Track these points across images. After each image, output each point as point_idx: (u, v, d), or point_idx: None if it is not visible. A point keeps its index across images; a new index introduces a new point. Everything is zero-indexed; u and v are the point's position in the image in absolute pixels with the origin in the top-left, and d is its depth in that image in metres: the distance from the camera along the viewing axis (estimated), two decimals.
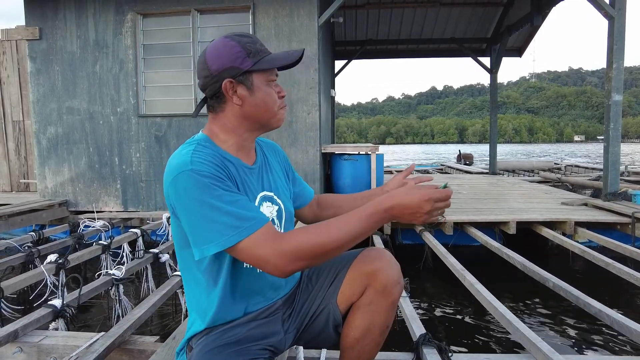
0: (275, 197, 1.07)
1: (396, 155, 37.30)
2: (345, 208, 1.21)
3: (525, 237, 3.83)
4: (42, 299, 2.50)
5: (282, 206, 1.09)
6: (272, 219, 1.05)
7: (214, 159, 0.91)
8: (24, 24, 4.57)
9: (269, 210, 1.05)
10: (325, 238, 0.84)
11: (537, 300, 3.11)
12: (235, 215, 0.84)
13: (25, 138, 5.70)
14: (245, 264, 1.00)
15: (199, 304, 1.00)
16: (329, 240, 0.84)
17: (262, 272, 1.02)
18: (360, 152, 4.66)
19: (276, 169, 1.14)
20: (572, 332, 2.63)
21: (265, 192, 1.05)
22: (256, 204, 1.01)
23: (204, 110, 1.06)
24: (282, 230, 1.08)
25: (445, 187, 0.87)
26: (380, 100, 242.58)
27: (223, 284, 0.96)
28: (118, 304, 2.43)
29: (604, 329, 2.63)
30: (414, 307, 1.98)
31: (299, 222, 1.26)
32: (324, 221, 0.90)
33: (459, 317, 2.89)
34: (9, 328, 1.70)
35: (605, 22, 4.18)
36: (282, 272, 0.85)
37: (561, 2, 5.58)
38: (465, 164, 12.33)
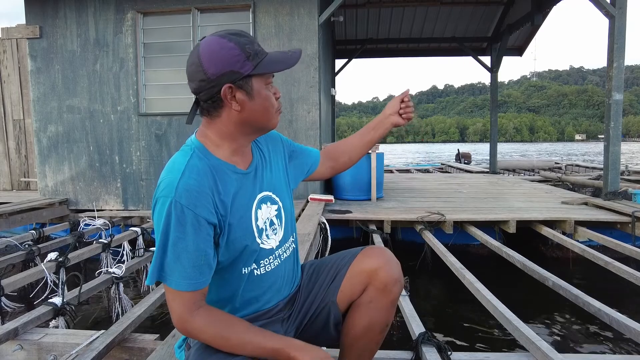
0: (274, 196, 1.05)
1: (397, 153, 37.24)
2: (356, 151, 1.28)
3: (526, 236, 3.83)
4: (43, 297, 2.51)
5: (280, 204, 1.06)
6: (272, 220, 1.02)
7: (205, 180, 0.89)
8: (25, 22, 4.57)
9: (267, 211, 1.02)
10: (224, 339, 0.86)
11: (536, 299, 3.11)
12: (181, 262, 0.86)
13: (25, 137, 5.71)
14: (243, 270, 0.97)
15: None
16: (226, 342, 0.86)
17: (261, 277, 1.00)
18: None
19: (275, 162, 1.10)
20: (571, 331, 2.64)
21: (264, 193, 1.02)
22: (253, 210, 0.98)
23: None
24: (282, 231, 1.05)
25: None
26: (381, 99, 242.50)
27: (214, 289, 0.96)
28: (118, 302, 2.44)
29: (603, 328, 2.63)
30: (414, 306, 1.98)
31: (298, 216, 1.26)
32: (237, 320, 0.90)
33: (458, 315, 2.90)
34: (9, 326, 1.70)
35: (606, 21, 4.17)
36: (179, 331, 0.89)
37: (562, 1, 5.58)
38: (465, 163, 12.33)
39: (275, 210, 1.04)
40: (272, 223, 1.03)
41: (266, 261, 1.01)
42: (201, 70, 0.88)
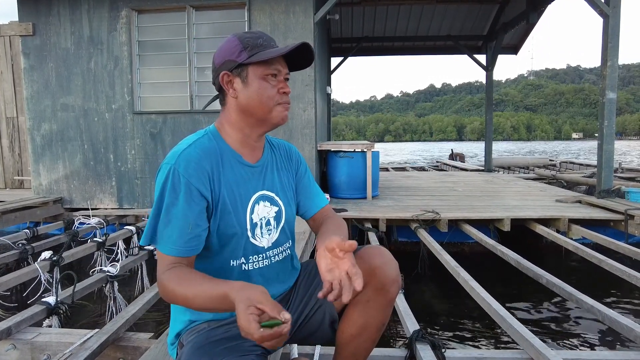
0: (276, 198, 1.08)
1: (394, 153, 37.28)
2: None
3: (520, 234, 3.85)
4: (36, 296, 2.49)
5: (282, 208, 1.09)
6: (269, 220, 1.05)
7: (206, 157, 0.96)
8: (17, 19, 4.53)
9: (266, 210, 1.05)
10: (182, 293, 0.88)
11: (530, 296, 3.13)
12: (170, 227, 0.92)
13: (19, 135, 5.67)
14: (231, 262, 1.01)
15: None
16: (182, 296, 0.88)
17: (248, 273, 1.03)
18: (356, 150, 4.66)
19: (285, 170, 1.14)
20: (565, 328, 2.66)
21: (265, 192, 1.06)
22: (251, 202, 1.02)
23: (202, 106, 1.07)
24: (277, 233, 1.08)
25: (276, 324, 0.73)
26: (379, 98, 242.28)
27: None
28: (112, 301, 2.43)
29: (596, 324, 2.65)
30: (408, 304, 1.98)
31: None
32: (198, 274, 0.90)
33: (452, 313, 2.91)
34: (2, 325, 1.69)
35: (601, 20, 4.19)
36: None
37: (556, 0, 5.60)
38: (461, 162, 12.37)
39: (275, 213, 1.07)
40: (268, 223, 1.05)
41: (255, 258, 1.04)
42: (213, 62, 1.04)
